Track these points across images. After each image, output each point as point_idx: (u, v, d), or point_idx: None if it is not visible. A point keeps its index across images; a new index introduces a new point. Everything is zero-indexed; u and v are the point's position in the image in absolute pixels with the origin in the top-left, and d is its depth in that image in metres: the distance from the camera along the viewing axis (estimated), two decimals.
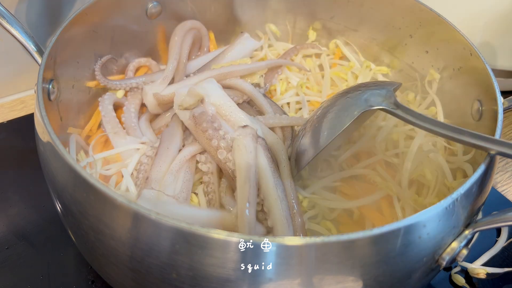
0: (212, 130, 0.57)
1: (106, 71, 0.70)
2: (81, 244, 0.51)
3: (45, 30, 0.84)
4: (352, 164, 0.64)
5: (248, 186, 0.51)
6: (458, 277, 0.60)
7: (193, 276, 0.38)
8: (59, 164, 0.44)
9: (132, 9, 0.70)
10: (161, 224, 0.37)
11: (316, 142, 0.55)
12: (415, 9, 0.69)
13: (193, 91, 0.58)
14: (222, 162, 0.56)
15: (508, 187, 0.75)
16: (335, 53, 0.81)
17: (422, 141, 0.62)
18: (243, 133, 0.55)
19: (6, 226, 0.64)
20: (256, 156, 0.54)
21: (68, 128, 0.62)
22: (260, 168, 0.54)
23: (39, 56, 0.57)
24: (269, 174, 0.54)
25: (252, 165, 0.53)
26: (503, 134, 0.85)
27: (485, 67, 0.57)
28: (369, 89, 0.58)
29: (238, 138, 0.55)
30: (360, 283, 0.40)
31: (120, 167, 0.61)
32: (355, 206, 0.60)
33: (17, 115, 0.82)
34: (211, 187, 0.57)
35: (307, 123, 0.59)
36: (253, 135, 0.55)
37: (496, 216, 0.44)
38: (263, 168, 0.54)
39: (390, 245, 0.39)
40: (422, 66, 0.72)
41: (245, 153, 0.54)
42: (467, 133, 0.48)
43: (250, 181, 0.52)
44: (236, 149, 0.55)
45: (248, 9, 0.82)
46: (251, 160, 0.54)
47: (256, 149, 0.55)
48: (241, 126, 0.57)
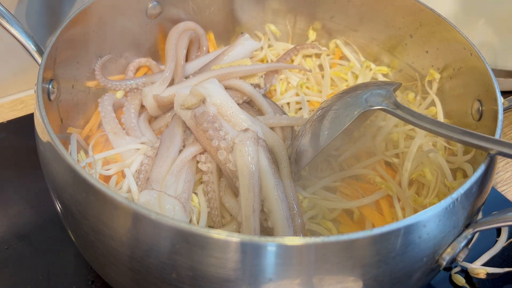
0: (213, 131, 0.57)
1: (106, 71, 0.70)
2: (81, 244, 0.51)
3: (45, 30, 0.84)
4: (352, 164, 0.64)
5: (252, 194, 0.51)
6: (458, 277, 0.60)
7: (193, 276, 0.38)
8: (59, 164, 0.44)
9: (132, 9, 0.71)
10: (161, 224, 0.37)
11: (316, 142, 0.55)
12: (415, 9, 0.69)
13: (195, 91, 0.57)
14: (222, 162, 0.56)
15: (508, 187, 0.75)
16: (335, 53, 0.81)
17: (422, 141, 0.62)
18: (245, 137, 0.55)
19: (6, 226, 0.64)
20: (258, 161, 0.54)
21: (68, 128, 0.62)
22: (260, 169, 0.54)
23: (39, 56, 0.57)
24: (270, 175, 0.54)
25: (255, 171, 0.53)
26: (503, 134, 0.85)
27: (485, 67, 0.57)
28: (369, 89, 0.58)
29: (240, 143, 0.55)
30: (360, 283, 0.40)
31: (120, 167, 0.61)
32: (355, 206, 0.60)
33: (17, 115, 0.82)
34: (211, 186, 0.57)
35: (307, 123, 0.59)
36: (254, 138, 0.55)
37: (496, 216, 0.44)
38: (263, 169, 0.54)
39: (390, 245, 0.39)
40: (422, 66, 0.72)
41: (247, 159, 0.54)
42: (467, 133, 0.48)
43: (254, 188, 0.52)
44: (238, 155, 0.54)
45: (248, 9, 0.82)
46: (254, 166, 0.53)
47: (258, 153, 0.55)
48: (243, 130, 0.56)
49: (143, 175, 0.58)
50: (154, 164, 0.57)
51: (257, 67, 0.72)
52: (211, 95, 0.60)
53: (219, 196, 0.57)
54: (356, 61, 0.79)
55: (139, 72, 0.76)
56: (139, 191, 0.56)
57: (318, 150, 0.54)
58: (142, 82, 0.70)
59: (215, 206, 0.56)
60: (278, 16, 0.83)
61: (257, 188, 0.52)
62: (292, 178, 0.57)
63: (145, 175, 0.58)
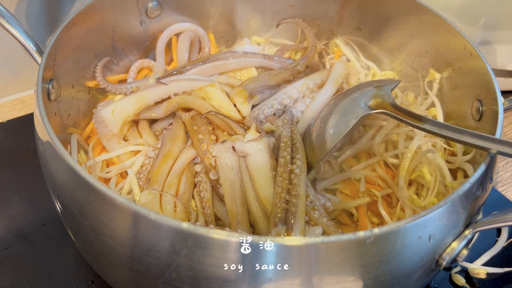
0: (204, 134, 0.57)
1: (106, 71, 0.71)
2: (81, 244, 0.51)
3: (45, 30, 0.84)
4: (352, 165, 0.64)
5: (235, 206, 0.52)
6: (458, 277, 0.60)
7: (193, 276, 0.38)
8: (59, 164, 0.44)
9: (132, 9, 0.71)
10: (161, 224, 0.37)
11: (317, 152, 0.56)
12: (415, 9, 0.69)
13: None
14: (208, 167, 0.56)
15: (508, 187, 0.75)
16: (335, 53, 0.81)
17: (421, 141, 0.62)
18: (222, 149, 0.55)
19: (6, 226, 0.64)
20: (239, 170, 0.54)
21: (68, 128, 0.62)
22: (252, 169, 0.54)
23: (39, 56, 0.57)
24: (269, 175, 0.54)
25: (236, 181, 0.53)
26: (503, 134, 0.85)
27: (485, 67, 0.57)
28: (367, 91, 0.58)
29: (219, 156, 0.54)
30: (360, 283, 0.40)
31: (120, 169, 0.61)
32: (354, 206, 0.60)
33: (17, 115, 0.82)
34: (203, 185, 0.57)
35: (305, 132, 0.59)
36: (231, 148, 0.55)
37: (496, 216, 0.44)
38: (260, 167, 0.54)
39: (390, 245, 0.39)
40: (422, 66, 0.72)
41: (227, 170, 0.54)
42: (467, 133, 0.48)
43: (236, 199, 0.52)
44: (219, 168, 0.54)
45: (248, 10, 0.82)
46: (234, 176, 0.53)
47: (238, 161, 0.54)
48: (220, 142, 0.56)
49: (144, 175, 0.58)
50: (155, 164, 0.57)
51: (249, 60, 0.71)
52: (210, 98, 0.60)
53: (212, 195, 0.57)
54: (356, 61, 0.79)
55: (140, 73, 0.76)
56: (140, 191, 0.56)
57: (319, 159, 0.55)
58: (142, 84, 0.70)
59: (207, 205, 0.56)
60: (278, 17, 0.82)
61: (240, 197, 0.52)
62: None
63: (146, 175, 0.58)
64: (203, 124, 0.59)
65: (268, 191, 0.52)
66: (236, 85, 0.65)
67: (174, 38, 0.77)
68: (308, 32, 0.78)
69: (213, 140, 0.58)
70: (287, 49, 0.79)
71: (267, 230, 0.50)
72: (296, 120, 0.62)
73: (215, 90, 0.61)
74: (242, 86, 0.62)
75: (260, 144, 0.54)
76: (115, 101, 0.63)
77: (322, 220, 0.51)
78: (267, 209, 0.51)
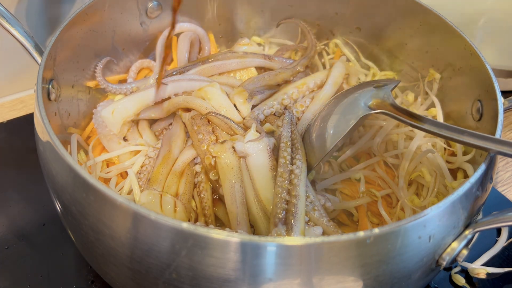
0: (204, 134, 0.57)
1: (107, 71, 0.71)
2: (81, 244, 0.51)
3: (45, 30, 0.84)
4: (352, 165, 0.64)
5: (235, 205, 0.52)
6: (458, 277, 0.60)
7: (193, 276, 0.38)
8: (59, 164, 0.44)
9: (132, 9, 0.71)
10: (161, 224, 0.37)
11: (317, 152, 0.56)
12: (415, 9, 0.69)
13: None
14: (208, 168, 0.56)
15: (508, 187, 0.75)
16: (335, 53, 0.81)
17: (421, 141, 0.62)
18: (222, 149, 0.55)
19: (6, 226, 0.64)
20: (239, 170, 0.54)
21: (68, 128, 0.62)
22: (252, 169, 0.54)
23: (39, 56, 0.57)
24: (269, 175, 0.54)
25: (236, 181, 0.53)
26: (503, 134, 0.85)
27: (485, 67, 0.57)
28: (367, 91, 0.58)
29: (219, 156, 0.54)
30: (360, 283, 0.40)
31: (120, 169, 0.61)
32: (354, 206, 0.60)
33: (17, 115, 0.82)
34: (203, 186, 0.57)
35: (305, 133, 0.59)
36: (231, 148, 0.55)
37: (496, 216, 0.44)
38: (259, 168, 0.54)
39: (390, 245, 0.39)
40: (422, 66, 0.72)
41: (227, 171, 0.54)
42: (466, 133, 0.48)
43: (236, 199, 0.52)
44: (219, 168, 0.54)
45: (248, 10, 0.82)
46: (234, 176, 0.53)
47: (238, 162, 0.54)
48: (220, 142, 0.56)
49: (144, 175, 0.58)
50: (155, 164, 0.57)
51: (248, 60, 0.71)
52: (210, 98, 0.60)
53: (211, 195, 0.57)
54: (356, 61, 0.79)
55: (140, 73, 0.76)
56: (140, 191, 0.56)
57: (319, 159, 0.55)
58: (142, 84, 0.70)
59: (207, 206, 0.56)
60: (278, 17, 0.82)
61: (240, 199, 0.52)
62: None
63: (146, 175, 0.58)
64: (203, 124, 0.59)
65: (268, 191, 0.52)
66: (236, 85, 0.66)
67: (174, 38, 0.77)
68: (308, 32, 0.78)
69: (213, 140, 0.58)
70: (287, 49, 0.79)
71: (267, 230, 0.50)
72: (296, 120, 0.62)
73: (215, 90, 0.61)
74: (242, 86, 0.63)
75: (260, 144, 0.54)
76: (115, 101, 0.63)
77: (322, 220, 0.51)
78: (267, 209, 0.51)
